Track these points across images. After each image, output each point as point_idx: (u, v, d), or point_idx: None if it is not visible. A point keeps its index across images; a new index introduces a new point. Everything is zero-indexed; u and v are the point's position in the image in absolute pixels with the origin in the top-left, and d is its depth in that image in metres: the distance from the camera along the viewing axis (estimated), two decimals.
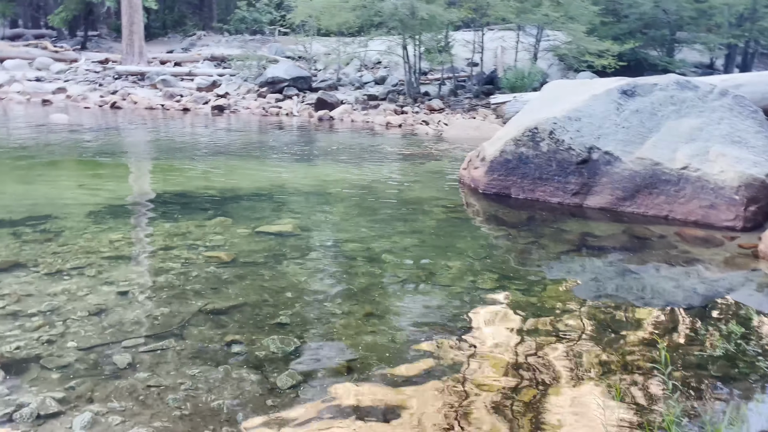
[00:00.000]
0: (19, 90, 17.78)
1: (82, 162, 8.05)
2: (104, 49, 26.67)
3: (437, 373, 2.65)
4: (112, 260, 3.94)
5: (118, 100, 16.89)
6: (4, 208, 5.21)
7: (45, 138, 10.24)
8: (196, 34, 29.14)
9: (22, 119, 13.23)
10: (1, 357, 2.57)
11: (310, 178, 7.57)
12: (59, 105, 16.31)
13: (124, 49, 21.71)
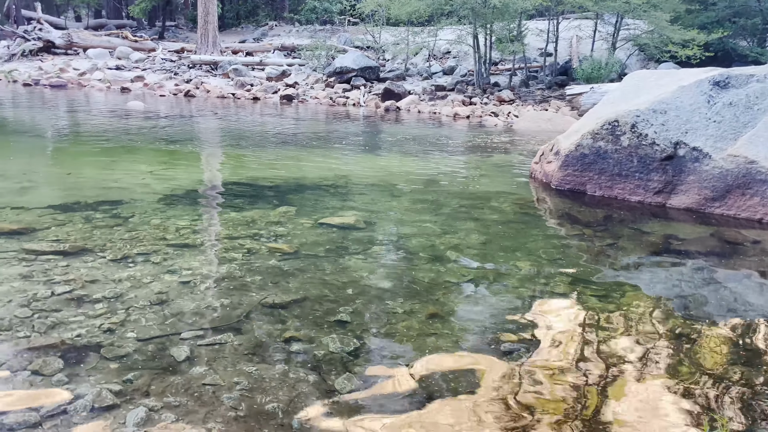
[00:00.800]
0: (100, 78, 18.57)
1: (154, 149, 8.25)
2: (180, 38, 27.55)
3: (501, 384, 2.46)
4: (177, 248, 3.93)
5: (191, 89, 17.35)
6: (79, 192, 5.35)
7: (121, 124, 10.60)
8: (268, 24, 29.63)
9: (102, 106, 13.79)
10: (63, 344, 2.56)
11: (375, 170, 7.45)
12: (137, 93, 16.93)
13: (198, 39, 22.30)
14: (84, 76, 18.82)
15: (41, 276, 3.31)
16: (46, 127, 10.27)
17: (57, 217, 4.45)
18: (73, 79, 18.33)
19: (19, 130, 9.86)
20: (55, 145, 8.58)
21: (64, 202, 4.92)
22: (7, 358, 2.42)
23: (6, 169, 6.30)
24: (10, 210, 4.58)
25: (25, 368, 2.37)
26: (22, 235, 3.98)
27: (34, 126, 10.35)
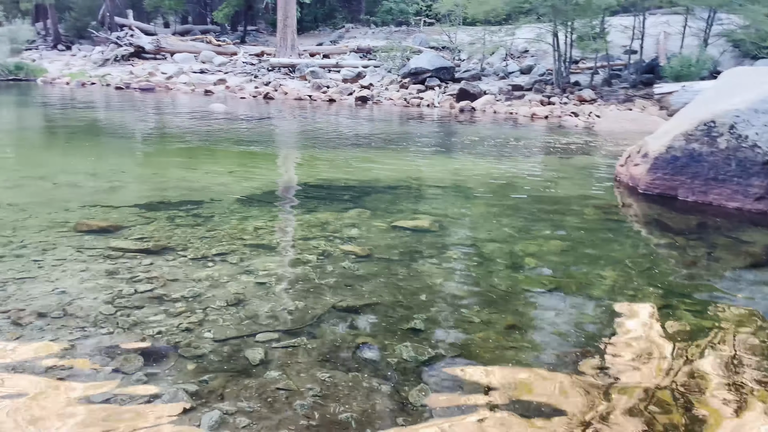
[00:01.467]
0: (185, 81, 19.39)
1: (234, 150, 8.48)
2: (261, 42, 28.39)
3: (583, 405, 2.29)
4: (254, 248, 3.98)
5: (270, 91, 17.80)
6: (164, 192, 5.55)
7: (204, 126, 10.99)
8: (345, 26, 30.03)
9: (186, 108, 14.38)
10: (144, 342, 2.61)
11: (449, 172, 7.32)
12: (219, 95, 17.55)
13: (278, 42, 22.88)
14: (171, 79, 19.72)
15: (126, 273, 3.42)
16: (135, 128, 10.81)
17: (142, 216, 4.62)
18: (160, 83, 19.24)
19: (111, 131, 10.42)
20: (143, 145, 9.00)
21: (150, 201, 5.11)
22: (91, 355, 2.50)
23: (98, 169, 6.64)
24: (99, 208, 4.80)
25: (107, 365, 2.43)
26: (109, 233, 4.14)
27: (124, 127, 10.91)
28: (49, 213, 4.59)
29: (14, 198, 5.05)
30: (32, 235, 4.02)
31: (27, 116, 12.48)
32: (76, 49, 27.46)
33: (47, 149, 8.39)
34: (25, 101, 15.27)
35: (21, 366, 2.39)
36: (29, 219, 4.41)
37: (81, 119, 11.84)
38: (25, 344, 2.57)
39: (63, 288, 3.16)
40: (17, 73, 20.79)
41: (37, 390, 2.23)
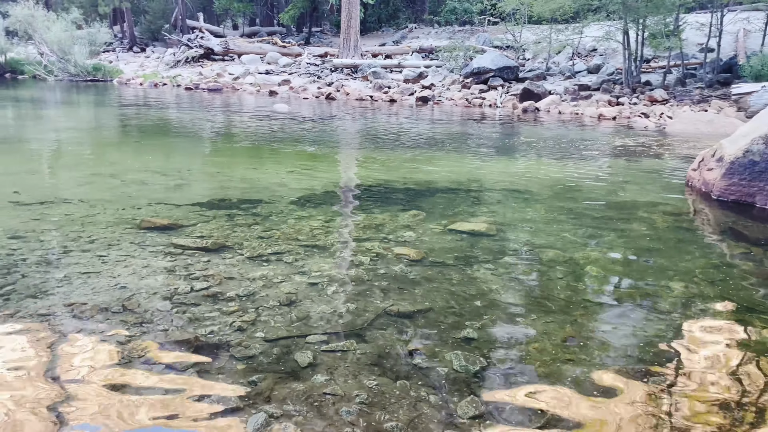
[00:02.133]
0: (251, 82, 19.87)
1: (294, 149, 8.59)
2: (325, 43, 28.77)
3: (642, 427, 2.15)
4: (309, 249, 3.99)
5: (332, 92, 17.99)
6: (225, 190, 5.67)
7: (267, 126, 11.21)
8: (408, 26, 30.01)
9: (251, 108, 14.72)
10: (197, 340, 2.65)
11: (509, 174, 7.15)
12: (283, 96, 17.89)
13: (341, 43, 23.10)
14: (237, 80, 20.26)
15: (183, 271, 3.50)
16: (201, 128, 11.15)
17: (203, 214, 4.73)
18: (227, 83, 19.80)
19: (179, 130, 10.78)
20: (209, 144, 9.26)
21: (211, 200, 5.23)
22: (146, 351, 2.56)
23: (166, 167, 6.87)
24: (164, 206, 4.95)
25: (160, 362, 2.47)
26: (171, 230, 4.26)
27: (192, 127, 11.27)
28: (116, 210, 4.77)
29: (86, 194, 5.28)
30: (99, 231, 4.18)
31: (102, 116, 13.09)
32: (149, 51, 28.68)
33: (119, 147, 8.76)
34: (101, 101, 16.05)
35: (82, 357, 2.48)
36: (98, 215, 4.59)
37: (152, 119, 12.33)
38: (86, 337, 2.66)
39: (124, 284, 3.27)
40: (95, 74, 21.88)
41: (100, 378, 2.30)
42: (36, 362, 2.42)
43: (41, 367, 2.38)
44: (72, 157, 7.81)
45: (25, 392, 2.21)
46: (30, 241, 3.91)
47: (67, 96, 17.16)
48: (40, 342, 2.59)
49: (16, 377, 2.31)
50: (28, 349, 2.52)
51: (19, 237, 3.97)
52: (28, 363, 2.41)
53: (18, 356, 2.46)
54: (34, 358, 2.45)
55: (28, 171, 6.57)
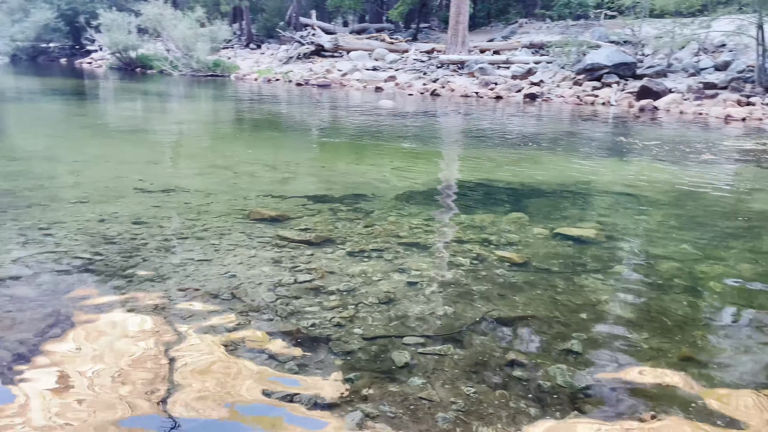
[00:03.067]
0: (358, 78, 20.22)
1: (398, 145, 8.63)
2: (432, 39, 28.71)
3: None
4: (408, 247, 3.98)
5: (437, 88, 17.91)
6: (330, 185, 5.80)
7: (372, 122, 11.35)
8: (518, 21, 29.27)
9: (357, 104, 14.98)
10: (298, 332, 2.71)
11: (623, 177, 6.76)
12: (388, 92, 18.05)
13: (448, 39, 22.95)
14: (345, 76, 20.70)
15: (288, 263, 3.60)
16: (310, 123, 11.49)
17: (308, 207, 4.86)
18: (336, 79, 20.29)
19: (289, 125, 11.18)
20: (316, 139, 9.52)
21: (316, 194, 5.36)
22: (251, 339, 2.65)
23: (275, 160, 7.13)
24: (272, 198, 5.14)
25: (263, 351, 2.55)
26: (278, 222, 4.40)
27: (301, 122, 11.65)
28: (228, 200, 5.01)
29: (201, 185, 5.59)
30: (212, 220, 4.40)
31: (219, 109, 13.86)
32: (264, 47, 30.00)
33: (233, 140, 9.22)
34: (219, 95, 16.99)
35: (191, 340, 2.61)
36: (212, 205, 4.84)
37: (264, 113, 12.88)
38: (196, 321, 2.80)
39: (233, 272, 3.41)
40: (215, 70, 23.21)
41: (207, 361, 2.41)
42: (150, 342, 2.58)
43: (155, 348, 2.53)
44: (191, 149, 8.32)
45: (138, 371, 2.36)
46: (151, 226, 4.18)
47: (189, 90, 18.32)
48: (155, 324, 2.75)
49: (131, 354, 2.47)
50: (146, 329, 2.69)
51: (142, 222, 4.26)
52: (143, 342, 2.57)
53: (135, 335, 2.63)
54: (149, 338, 2.61)
55: (152, 161, 7.07)
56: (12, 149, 7.53)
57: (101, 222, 4.22)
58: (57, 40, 30.18)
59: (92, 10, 26.41)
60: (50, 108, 12.46)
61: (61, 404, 2.13)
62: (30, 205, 4.59)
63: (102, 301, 2.96)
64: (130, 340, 2.58)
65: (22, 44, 28.52)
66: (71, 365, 2.37)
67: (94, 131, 9.55)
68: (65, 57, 30.22)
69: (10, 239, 3.78)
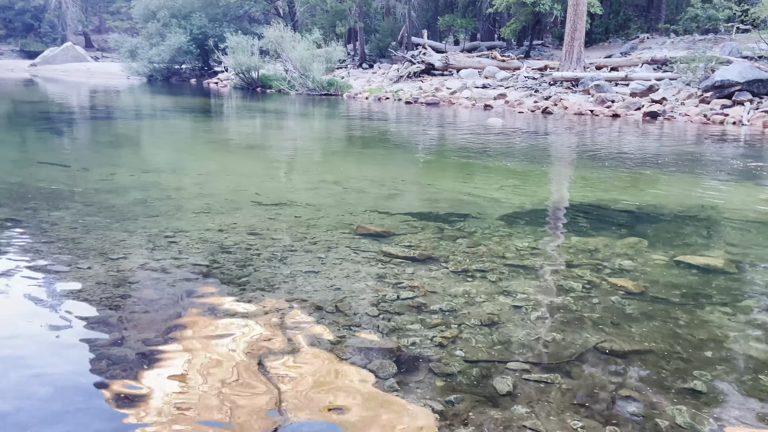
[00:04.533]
0: (467, 96, 20.16)
1: (505, 164, 8.46)
2: (545, 56, 28.08)
3: None
4: (514, 269, 3.86)
5: (549, 106, 17.44)
6: (436, 203, 5.79)
7: (480, 140, 11.24)
8: (639, 37, 27.94)
9: (466, 122, 14.91)
10: (399, 350, 2.70)
11: (754, 202, 6.18)
12: (497, 110, 17.83)
13: (563, 56, 22.32)
14: (454, 94, 20.72)
15: (392, 279, 3.61)
16: (417, 140, 11.59)
17: (413, 224, 4.87)
18: (444, 97, 20.35)
19: (397, 142, 11.34)
20: (422, 156, 9.57)
21: (421, 211, 5.37)
22: (351, 354, 2.67)
23: (382, 177, 7.25)
24: (377, 214, 5.21)
25: (365, 366, 2.56)
26: (383, 238, 4.45)
27: (409, 139, 11.78)
28: (336, 214, 5.14)
29: (312, 199, 5.79)
30: (321, 234, 4.53)
31: (331, 127, 14.34)
32: (376, 67, 30.77)
33: (343, 157, 9.49)
34: (331, 113, 17.60)
35: (297, 350, 2.68)
36: (321, 218, 4.99)
37: (373, 131, 13.16)
38: (302, 332, 2.87)
39: (339, 285, 3.48)
40: (329, 89, 24.11)
41: (310, 371, 2.46)
42: (259, 348, 2.68)
43: (263, 354, 2.63)
44: (303, 164, 8.66)
45: (246, 375, 2.45)
46: (265, 238, 4.38)
47: (304, 108, 19.15)
48: (264, 331, 2.86)
49: (240, 359, 2.57)
50: (255, 336, 2.80)
51: (256, 234, 4.47)
52: (253, 347, 2.68)
53: (246, 340, 2.75)
54: (259, 344, 2.71)
55: (268, 175, 7.43)
56: (146, 162, 8.23)
57: (220, 232, 4.48)
58: (188, 61, 32.75)
59: (220, 34, 28.42)
60: (180, 124, 13.50)
61: (175, 403, 2.25)
62: (158, 214, 4.97)
63: (217, 307, 3.13)
64: (240, 345, 2.70)
65: (158, 66, 31.23)
66: (187, 366, 2.51)
67: (217, 146, 10.22)
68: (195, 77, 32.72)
69: (140, 245, 4.11)
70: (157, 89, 26.75)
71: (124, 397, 2.28)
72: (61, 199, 5.39)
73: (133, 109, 17.55)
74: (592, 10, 24.37)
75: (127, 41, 33.14)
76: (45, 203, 5.20)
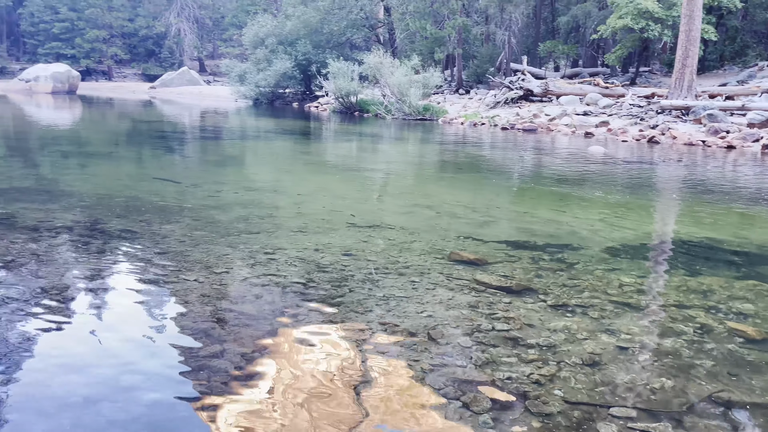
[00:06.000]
0: (567, 123, 19.62)
1: (607, 194, 8.09)
2: (653, 84, 26.87)
3: None
4: (618, 306, 3.65)
5: (656, 135, 16.62)
6: (532, 232, 5.61)
7: (579, 168, 10.85)
8: (758, 65, 26.12)
9: (564, 149, 14.47)
10: (493, 383, 2.60)
11: None
12: (599, 138, 17.19)
13: (672, 83, 21.25)
14: (553, 121, 20.22)
15: (485, 309, 3.51)
16: (512, 167, 11.37)
17: (508, 253, 4.74)
18: (542, 124, 19.90)
19: (491, 168, 11.18)
20: (518, 184, 9.36)
21: (516, 240, 5.22)
22: (443, 384, 2.60)
23: (475, 203, 7.15)
24: (471, 240, 5.12)
25: (458, 398, 2.49)
26: (476, 266, 4.36)
27: (504, 165, 11.58)
28: (429, 239, 5.10)
29: (405, 222, 5.79)
30: (414, 258, 4.51)
31: (425, 151, 14.40)
32: (473, 92, 30.70)
33: (436, 181, 9.47)
34: (426, 138, 17.69)
35: (387, 375, 2.65)
36: (414, 242, 4.97)
37: (467, 156, 13.07)
38: (394, 357, 2.84)
39: (431, 312, 3.43)
40: (424, 114, 24.30)
41: (400, 401, 2.42)
42: (349, 369, 2.67)
43: (353, 375, 2.62)
44: (397, 187, 8.72)
45: (334, 397, 2.45)
46: (359, 259, 4.42)
47: (399, 133, 19.39)
48: (355, 353, 2.85)
49: (330, 380, 2.58)
50: (347, 357, 2.80)
51: (351, 255, 4.52)
52: (343, 368, 2.68)
53: (337, 361, 2.75)
54: (349, 365, 2.71)
55: (363, 197, 7.54)
56: (249, 180, 8.61)
57: (316, 251, 4.57)
58: (292, 86, 34.20)
59: (323, 60, 29.49)
60: (281, 145, 14.06)
61: (266, 416, 2.28)
62: (259, 231, 5.16)
63: (312, 325, 3.17)
64: (333, 366, 2.71)
65: (263, 89, 32.82)
66: (280, 382, 2.55)
67: (315, 167, 10.54)
68: (297, 101, 34.10)
69: (242, 260, 4.27)
70: (261, 112, 28.09)
71: (221, 408, 2.34)
72: (172, 213, 5.73)
73: (239, 130, 18.52)
74: (706, 36, 23.09)
75: (237, 66, 35.12)
76: (158, 216, 5.54)
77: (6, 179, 7.52)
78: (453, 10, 30.34)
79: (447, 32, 31.10)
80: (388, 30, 36.94)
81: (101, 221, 5.27)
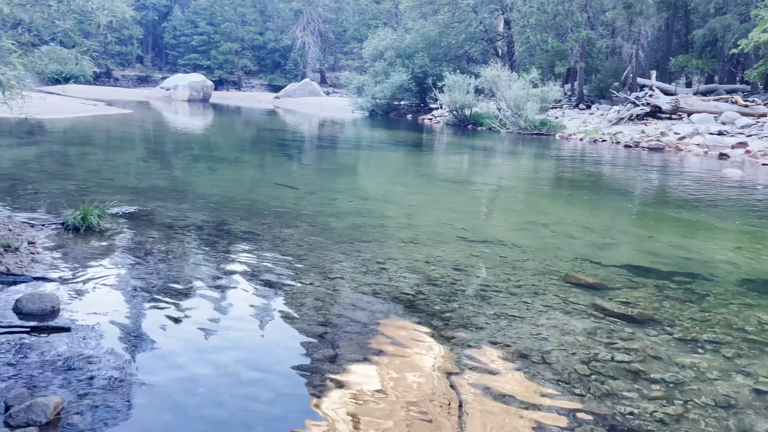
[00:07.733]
0: (698, 143, 18.27)
1: (745, 223, 7.41)
2: None
3: None
4: (756, 345, 3.31)
5: None
6: (656, 258, 5.25)
7: (712, 192, 10.04)
8: None
9: (695, 171, 13.47)
10: (613, 417, 2.45)
11: None
12: (735, 160, 15.85)
13: None
14: (683, 140, 18.90)
15: (604, 337, 3.32)
16: (636, 187, 10.74)
17: (630, 279, 4.46)
18: (670, 143, 18.66)
19: (612, 187, 10.63)
20: (641, 205, 8.82)
21: (639, 265, 4.91)
22: (558, 413, 2.48)
23: (594, 224, 6.82)
24: (589, 263, 4.88)
25: (573, 428, 2.36)
26: (595, 290, 4.14)
27: (626, 185, 10.97)
28: (543, 259, 4.92)
29: (518, 239, 5.64)
30: (527, 277, 4.37)
31: (541, 167, 13.98)
32: (594, 108, 29.44)
33: (552, 198, 9.15)
34: (541, 153, 17.19)
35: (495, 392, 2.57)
36: (527, 261, 4.82)
37: (586, 174, 12.52)
38: (506, 378, 2.76)
39: (545, 335, 3.30)
40: (541, 129, 23.65)
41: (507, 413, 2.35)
42: (451, 390, 2.62)
43: (457, 392, 2.57)
44: (509, 203, 8.53)
45: (437, 415, 2.41)
46: (469, 274, 4.36)
47: (513, 147, 19.00)
48: (464, 370, 2.80)
49: (431, 399, 2.54)
50: (453, 374, 2.75)
51: (461, 269, 4.47)
52: (448, 387, 2.63)
53: (440, 377, 2.72)
54: (457, 383, 2.67)
55: (474, 211, 7.45)
56: (363, 189, 8.81)
57: (426, 263, 4.56)
58: (407, 98, 34.68)
59: (439, 73, 29.66)
60: (394, 156, 14.27)
61: (373, 422, 2.30)
62: (371, 240, 5.24)
63: (422, 338, 3.16)
64: (436, 383, 2.68)
65: (379, 101, 33.56)
66: (388, 393, 2.56)
67: (426, 179, 10.58)
68: (411, 113, 34.51)
69: (354, 268, 4.36)
70: (376, 123, 28.72)
71: (332, 410, 2.39)
72: (291, 218, 5.98)
73: (355, 140, 19.04)
74: None
75: (356, 78, 36.21)
76: (278, 220, 5.81)
77: (147, 178, 8.24)
78: (577, 23, 29.34)
79: (569, 45, 30.12)
80: (507, 43, 36.44)
81: (227, 222, 5.61)
